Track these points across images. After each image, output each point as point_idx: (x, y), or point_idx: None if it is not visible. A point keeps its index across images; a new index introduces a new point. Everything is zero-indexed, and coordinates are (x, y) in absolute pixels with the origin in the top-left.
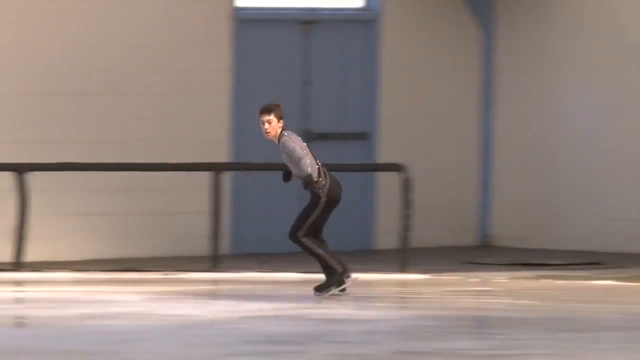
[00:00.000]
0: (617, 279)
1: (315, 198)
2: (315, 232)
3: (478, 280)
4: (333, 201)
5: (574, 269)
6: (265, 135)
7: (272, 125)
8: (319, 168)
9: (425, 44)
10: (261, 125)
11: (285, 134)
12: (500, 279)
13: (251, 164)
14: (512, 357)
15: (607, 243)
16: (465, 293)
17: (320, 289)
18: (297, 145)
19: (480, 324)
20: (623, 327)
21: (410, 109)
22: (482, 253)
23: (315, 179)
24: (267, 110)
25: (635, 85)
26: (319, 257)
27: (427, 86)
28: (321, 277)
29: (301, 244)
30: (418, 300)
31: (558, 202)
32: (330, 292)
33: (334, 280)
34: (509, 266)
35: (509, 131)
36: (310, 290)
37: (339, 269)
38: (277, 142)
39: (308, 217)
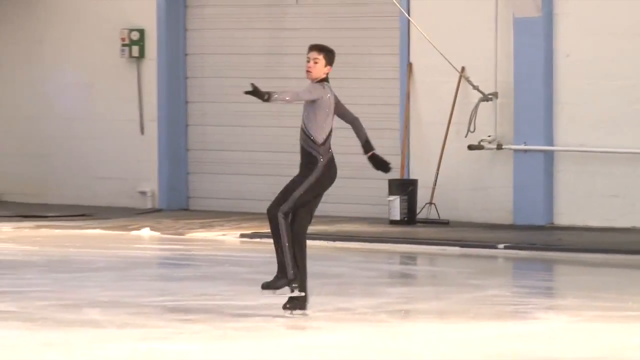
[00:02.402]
0: (103, 228)
1: (309, 165)
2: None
3: None
4: (327, 182)
5: (69, 220)
6: (306, 74)
7: (318, 65)
8: (327, 139)
9: None
10: (306, 62)
11: (326, 85)
12: (6, 229)
13: None
14: (20, 294)
15: (95, 198)
16: None
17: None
18: (314, 94)
19: None
20: (108, 268)
21: None
22: None
23: (265, 94)
24: (318, 48)
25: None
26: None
27: None
28: None
29: (281, 227)
30: None
31: (55, 165)
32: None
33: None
34: (13, 218)
35: (9, 104)
36: None
37: (290, 274)
38: None
39: (295, 187)
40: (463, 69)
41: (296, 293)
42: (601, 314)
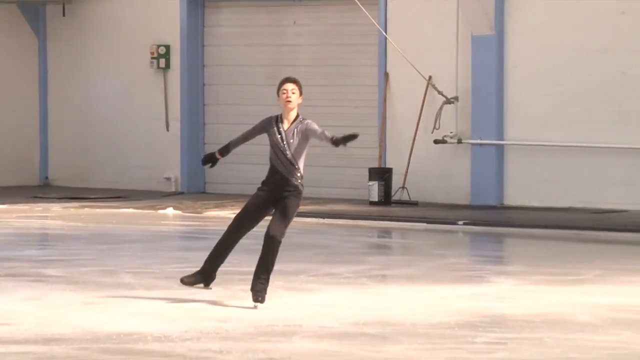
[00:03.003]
0: (135, 207)
1: (296, 194)
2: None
3: (41, 208)
4: None
5: (107, 201)
6: (286, 104)
7: (295, 95)
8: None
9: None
10: (282, 93)
11: (304, 118)
12: (56, 208)
13: None
14: (66, 262)
15: (128, 183)
16: (33, 217)
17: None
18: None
19: (43, 239)
20: (139, 240)
21: None
22: (43, 190)
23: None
24: (292, 80)
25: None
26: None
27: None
28: None
29: (276, 251)
30: None
31: (96, 155)
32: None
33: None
34: (63, 199)
35: (60, 106)
36: None
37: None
38: (290, 115)
39: (292, 216)
40: (430, 77)
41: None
42: (543, 278)
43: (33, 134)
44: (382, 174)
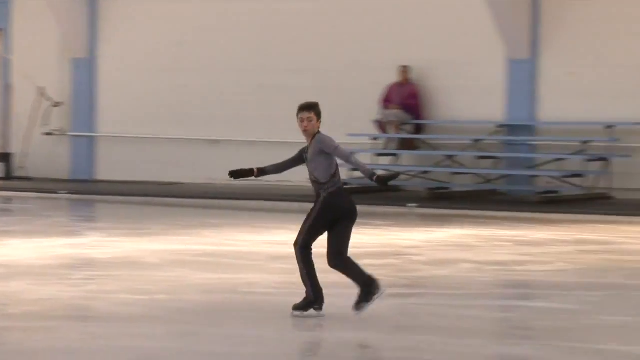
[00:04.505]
0: None
1: (318, 201)
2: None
3: None
4: (333, 209)
5: None
6: (304, 133)
7: (312, 122)
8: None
9: None
10: (299, 121)
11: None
12: None
13: None
14: None
15: None
16: None
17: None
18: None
19: None
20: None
21: None
22: None
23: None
24: (307, 107)
25: None
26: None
27: None
28: None
29: (297, 256)
30: None
31: None
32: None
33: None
34: None
35: None
36: None
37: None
38: (310, 140)
39: (309, 219)
40: (43, 88)
41: (317, 313)
42: (124, 232)
43: None
44: (5, 157)
